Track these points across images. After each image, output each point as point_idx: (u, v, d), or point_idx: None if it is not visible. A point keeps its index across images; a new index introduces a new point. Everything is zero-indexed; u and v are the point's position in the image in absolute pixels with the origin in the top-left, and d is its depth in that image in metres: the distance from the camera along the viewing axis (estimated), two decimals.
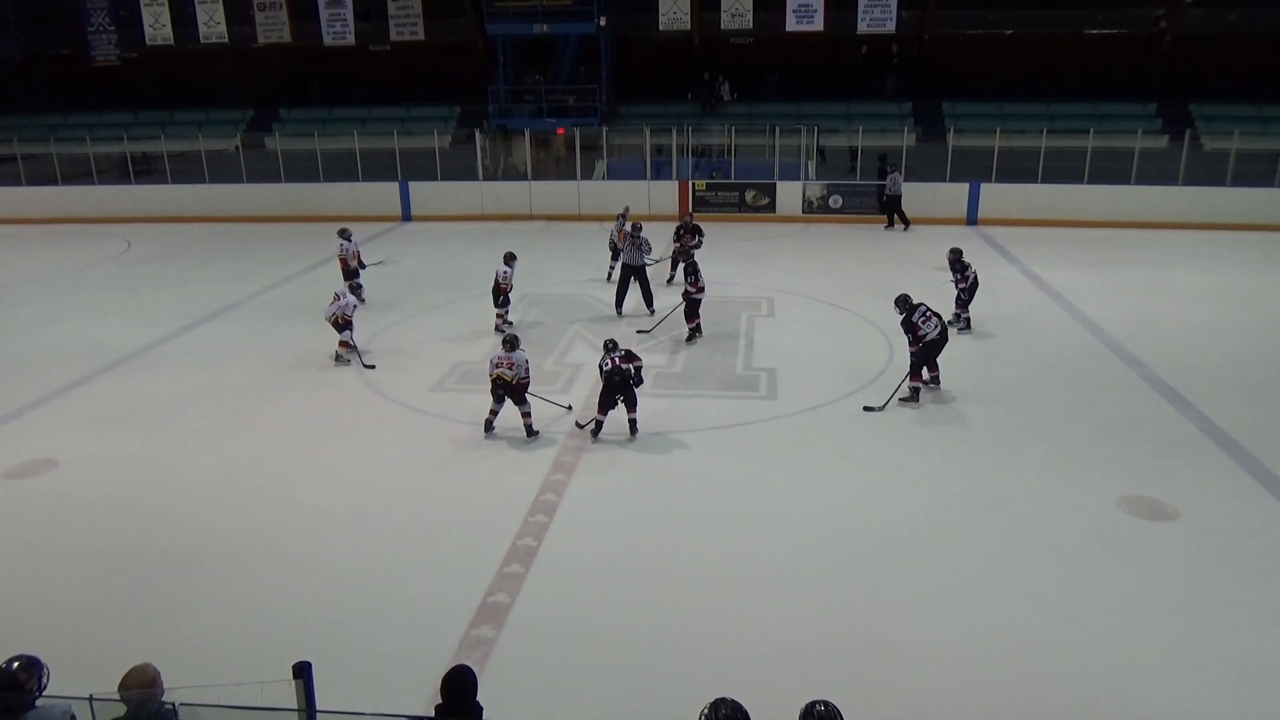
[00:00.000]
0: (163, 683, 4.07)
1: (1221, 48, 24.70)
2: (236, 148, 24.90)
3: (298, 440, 9.85)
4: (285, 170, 23.59)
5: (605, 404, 9.62)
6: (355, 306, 12.25)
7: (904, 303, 10.52)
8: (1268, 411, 10.24)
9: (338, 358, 12.15)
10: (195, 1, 26.05)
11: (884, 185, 21.32)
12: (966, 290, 13.15)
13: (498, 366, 9.55)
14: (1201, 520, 7.88)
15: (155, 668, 4.09)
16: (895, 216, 21.09)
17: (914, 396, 10.41)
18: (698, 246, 15.44)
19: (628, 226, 14.57)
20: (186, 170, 24.09)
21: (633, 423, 9.68)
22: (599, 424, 9.71)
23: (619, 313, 14.08)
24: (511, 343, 9.71)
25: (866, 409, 10.31)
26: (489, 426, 9.83)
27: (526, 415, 9.72)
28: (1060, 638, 6.31)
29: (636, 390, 9.64)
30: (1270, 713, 5.63)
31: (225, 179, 23.73)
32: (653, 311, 13.94)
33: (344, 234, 15.33)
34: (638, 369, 9.57)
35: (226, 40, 26.42)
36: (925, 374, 10.59)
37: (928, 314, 10.40)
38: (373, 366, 12.01)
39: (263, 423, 10.32)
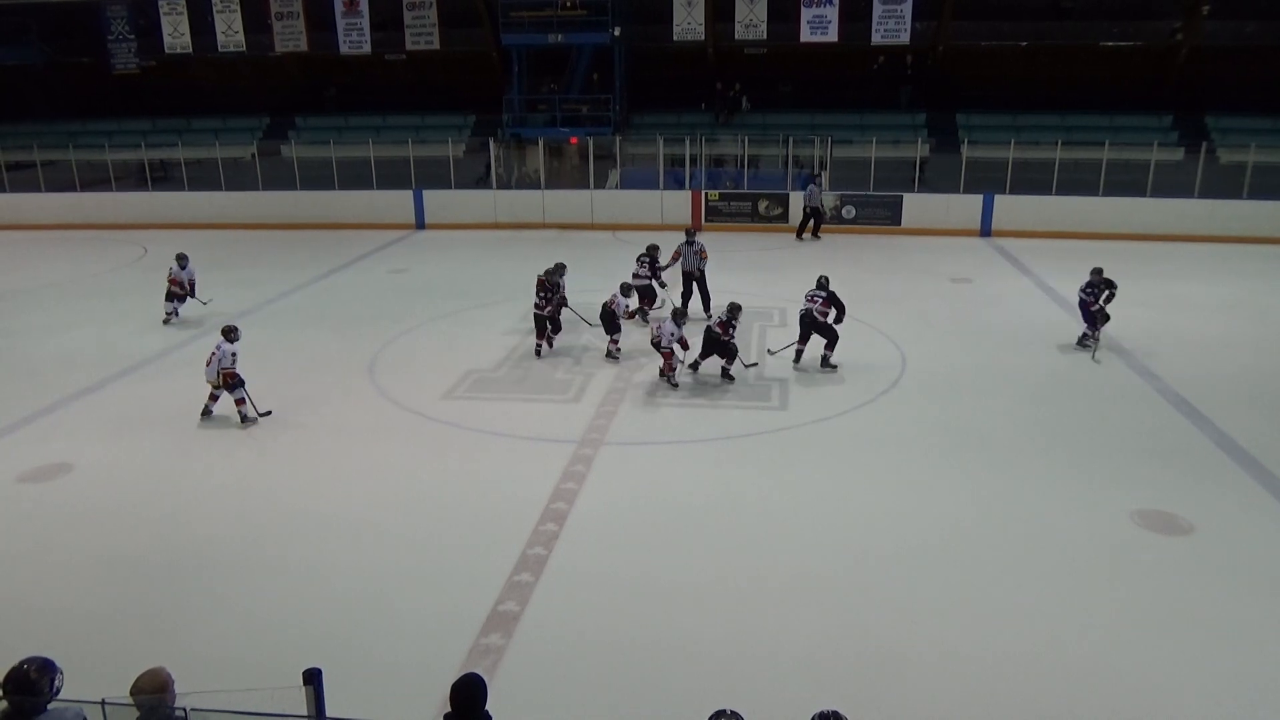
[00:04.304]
0: (175, 687, 4.08)
1: (1238, 60, 24.55)
2: (253, 155, 25.06)
3: (309, 447, 9.89)
4: (300, 178, 23.75)
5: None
6: (235, 356, 10.31)
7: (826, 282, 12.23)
8: None
9: (207, 412, 10.47)
10: (214, 11, 26.23)
11: (804, 195, 21.48)
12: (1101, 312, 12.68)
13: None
14: (1216, 535, 7.82)
15: (168, 672, 4.11)
16: (809, 227, 21.35)
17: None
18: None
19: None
20: (203, 177, 24.27)
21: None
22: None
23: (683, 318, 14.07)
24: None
25: (770, 351, 12.33)
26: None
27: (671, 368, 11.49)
28: (1073, 652, 6.26)
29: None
30: None
31: (241, 186, 23.90)
32: (709, 314, 14.06)
33: (180, 259, 14.71)
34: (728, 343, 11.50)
35: (244, 49, 26.59)
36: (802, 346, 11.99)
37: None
38: (269, 412, 10.61)
39: (275, 429, 10.37)
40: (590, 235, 22.06)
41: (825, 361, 12.03)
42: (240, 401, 10.39)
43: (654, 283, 14.42)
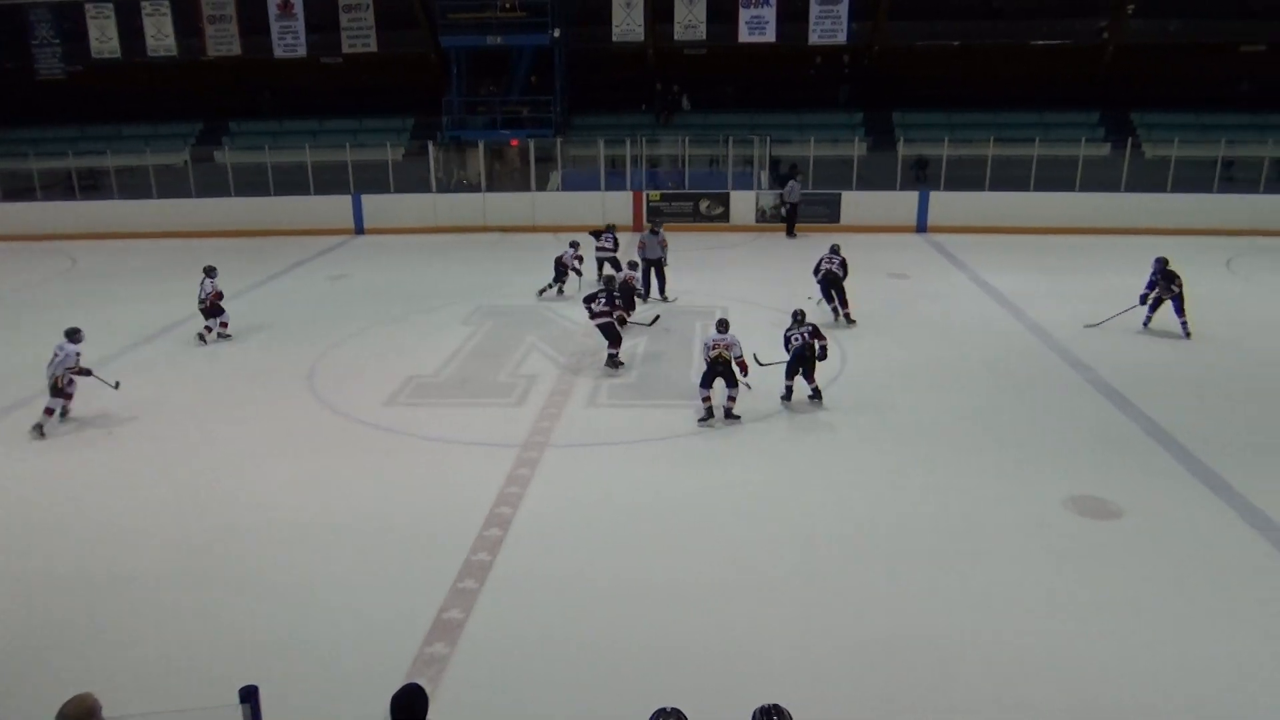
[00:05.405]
0: (102, 714, 3.98)
1: (1162, 58, 25.37)
2: (185, 162, 24.53)
3: (246, 458, 9.70)
4: (235, 184, 23.29)
5: (792, 373, 10.64)
6: (79, 355, 10.42)
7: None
8: (1207, 411, 10.52)
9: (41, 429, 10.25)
10: (143, 14, 25.63)
11: (782, 193, 21.66)
12: (1177, 300, 13.34)
13: (714, 349, 10.23)
14: (1145, 518, 8.07)
15: (95, 698, 4.00)
16: (791, 226, 21.60)
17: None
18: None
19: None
20: (134, 185, 23.69)
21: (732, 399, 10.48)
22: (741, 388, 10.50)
23: (645, 299, 15.60)
24: (723, 325, 10.47)
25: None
26: (709, 414, 10.37)
27: (731, 399, 10.34)
28: (1011, 636, 6.41)
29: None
30: (1212, 705, 5.76)
31: (174, 194, 23.36)
32: (665, 298, 15.80)
33: (210, 270, 13.91)
34: (823, 347, 10.63)
35: (175, 53, 26.02)
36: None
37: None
38: (117, 384, 10.96)
39: (211, 440, 10.16)
40: (532, 238, 21.99)
41: (848, 318, 13.99)
42: (50, 412, 10.37)
43: (616, 255, 16.18)
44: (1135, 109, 24.98)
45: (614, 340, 12.26)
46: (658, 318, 14.42)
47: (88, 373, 10.58)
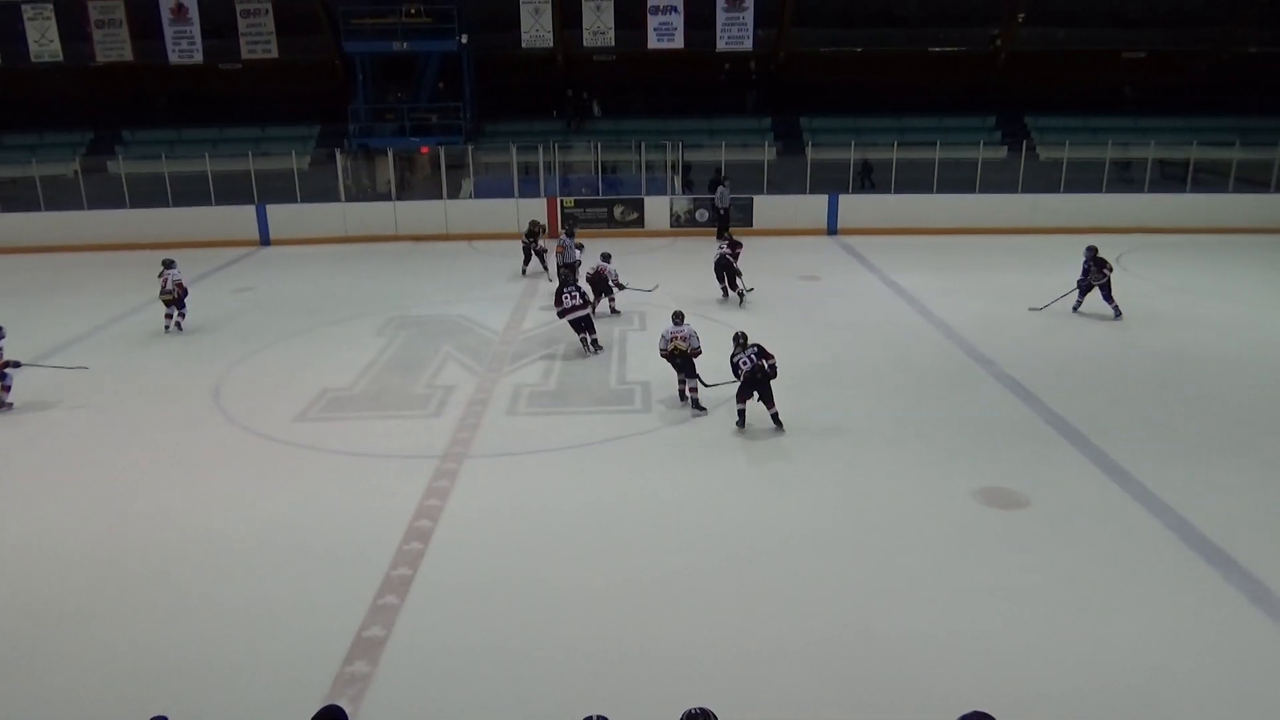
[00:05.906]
0: None
1: (1051, 64, 26.51)
2: (75, 172, 23.43)
3: (154, 479, 9.32)
4: (130, 195, 22.34)
5: (744, 397, 10.11)
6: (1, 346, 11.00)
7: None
8: (1103, 401, 10.99)
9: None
10: (24, 18, 24.41)
11: (713, 198, 21.98)
12: (1106, 285, 14.39)
13: (671, 340, 10.59)
14: (1050, 506, 8.38)
15: None
16: (723, 229, 21.79)
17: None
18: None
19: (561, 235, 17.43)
20: (19, 197, 22.53)
21: (774, 416, 10.16)
22: (741, 414, 10.22)
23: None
24: (679, 316, 10.93)
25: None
26: (683, 396, 10.85)
27: (694, 390, 10.66)
28: (922, 627, 6.58)
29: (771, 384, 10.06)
30: (1117, 685, 6.00)
31: (63, 206, 22.29)
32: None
33: (168, 263, 14.51)
34: (773, 366, 9.94)
35: (61, 59, 24.85)
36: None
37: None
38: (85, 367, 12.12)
39: (116, 462, 9.73)
40: (446, 246, 21.73)
41: (740, 295, 15.52)
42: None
43: (534, 251, 17.59)
44: (1028, 113, 26.00)
45: (583, 330, 12.89)
46: (657, 285, 15.74)
47: (16, 364, 11.10)
